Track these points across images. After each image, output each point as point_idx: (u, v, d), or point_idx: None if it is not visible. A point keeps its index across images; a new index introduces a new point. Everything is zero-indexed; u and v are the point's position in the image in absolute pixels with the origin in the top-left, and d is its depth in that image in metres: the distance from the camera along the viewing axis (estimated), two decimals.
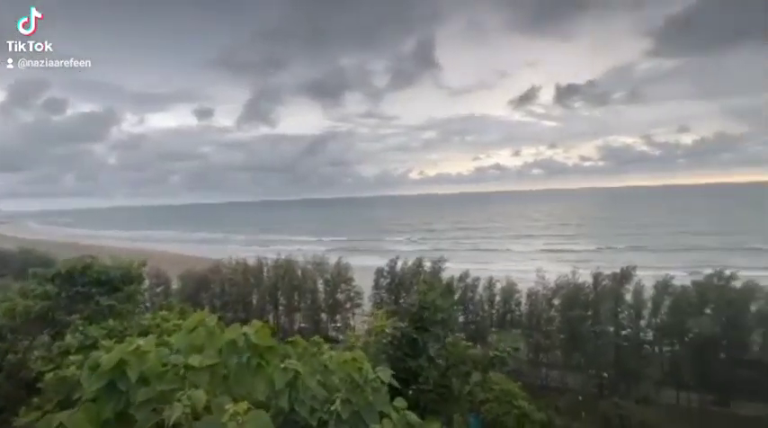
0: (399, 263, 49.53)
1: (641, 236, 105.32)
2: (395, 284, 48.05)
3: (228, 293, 53.43)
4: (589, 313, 39.34)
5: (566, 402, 36.88)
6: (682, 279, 41.18)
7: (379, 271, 49.88)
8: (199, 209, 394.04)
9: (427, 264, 48.57)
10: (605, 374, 38.77)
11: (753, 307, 35.21)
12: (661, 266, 53.58)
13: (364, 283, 51.01)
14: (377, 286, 49.38)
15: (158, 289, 49.40)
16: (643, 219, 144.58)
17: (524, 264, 66.75)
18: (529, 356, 41.50)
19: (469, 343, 8.84)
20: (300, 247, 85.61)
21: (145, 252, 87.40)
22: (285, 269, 52.68)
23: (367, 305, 48.28)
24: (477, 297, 44.90)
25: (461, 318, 43.93)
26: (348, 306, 50.47)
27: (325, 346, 4.69)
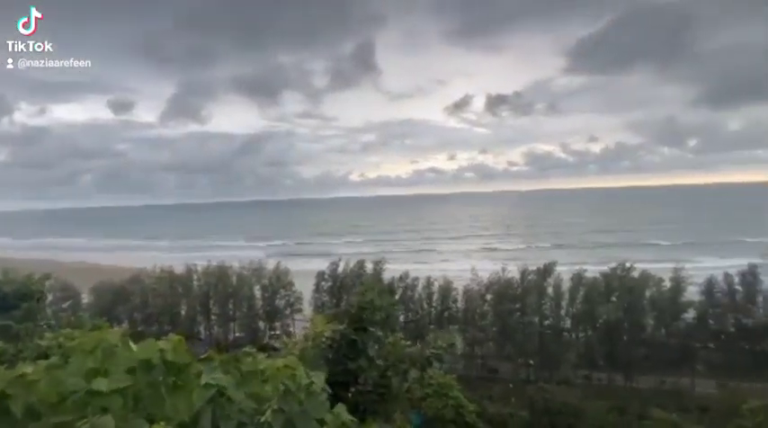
0: (341, 266, 49.22)
1: (563, 235, 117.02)
2: (336, 287, 47.63)
3: (152, 305, 48.68)
4: (517, 306, 42.57)
5: (498, 390, 39.53)
6: (594, 272, 46.37)
7: (321, 275, 49.09)
8: (115, 213, 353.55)
9: (369, 266, 48.89)
10: (532, 361, 42.23)
11: (647, 294, 40.83)
12: (578, 261, 59.79)
13: (305, 287, 49.83)
14: (318, 290, 48.55)
15: (65, 305, 43.45)
16: (563, 219, 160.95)
17: (461, 264, 70.34)
18: (465, 350, 43.74)
19: (408, 342, 9.06)
20: (235, 253, 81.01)
21: (50, 263, 76.37)
22: (218, 276, 49.48)
23: (308, 310, 47.21)
24: (417, 296, 46.23)
25: (402, 317, 44.92)
26: (288, 312, 48.89)
27: (260, 355, 4.49)
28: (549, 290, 42.83)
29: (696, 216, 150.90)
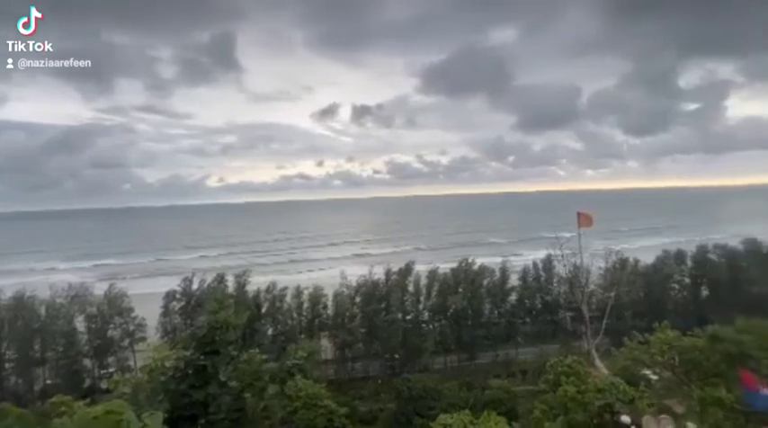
0: (196, 282, 43.74)
1: (425, 238, 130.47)
2: (190, 307, 42.08)
3: None
4: (383, 305, 45.38)
5: (369, 388, 41.28)
6: (446, 268, 52.91)
7: (170, 295, 42.62)
8: None
9: (230, 280, 44.84)
10: (396, 355, 45.54)
11: (484, 283, 48.97)
12: (437, 260, 67.07)
13: (151, 311, 42.47)
14: (167, 312, 42.00)
15: None
16: (424, 224, 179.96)
17: (333, 271, 70.89)
18: (336, 354, 44.27)
19: (264, 357, 8.66)
20: (48, 277, 63.48)
21: None
22: (15, 309, 37.83)
23: (155, 337, 40.31)
24: (286, 306, 44.63)
25: (270, 331, 42.66)
26: (127, 343, 40.74)
27: (79, 403, 3.67)
28: (410, 288, 47.10)
29: (517, 217, 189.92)
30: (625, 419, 11.22)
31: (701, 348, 16.08)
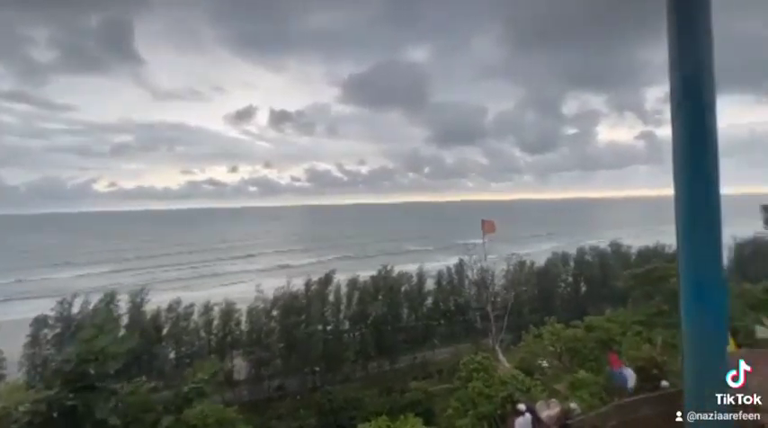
0: (77, 305, 37.34)
1: (347, 247, 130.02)
2: (69, 334, 35.66)
3: None
4: (302, 317, 43.94)
5: (287, 406, 39.33)
6: (366, 276, 53.34)
7: (41, 321, 35.67)
8: None
9: (124, 299, 39.26)
10: (317, 368, 44.34)
11: (402, 289, 50.59)
12: (359, 268, 66.97)
13: (13, 343, 34.94)
14: (35, 342, 35.00)
15: None
16: (345, 233, 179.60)
17: (249, 284, 66.45)
18: (251, 373, 41.41)
19: (153, 385, 7.68)
20: None
21: None
22: None
23: (18, 375, 33.23)
24: (193, 325, 40.54)
25: (172, 354, 38.27)
26: None
27: None
28: (331, 298, 46.45)
29: (434, 226, 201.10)
30: (521, 407, 12.43)
31: (579, 337, 18.69)
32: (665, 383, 13.50)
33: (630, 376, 12.92)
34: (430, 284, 54.04)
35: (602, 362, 16.82)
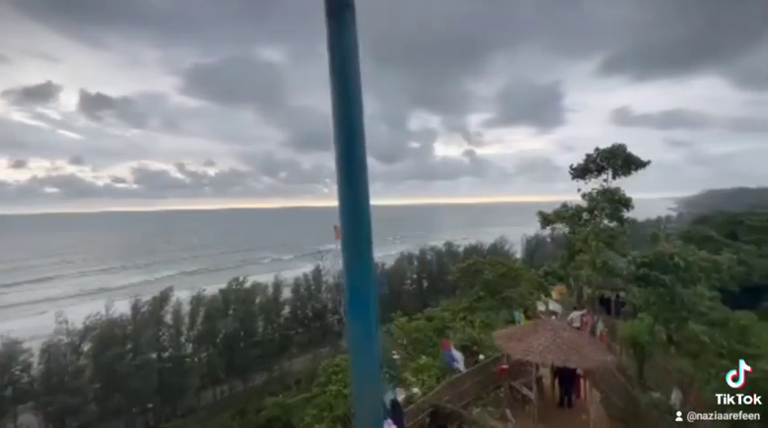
0: None
1: (192, 260, 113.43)
2: None
3: None
4: (129, 347, 36.45)
5: None
6: (214, 290, 47.73)
7: None
8: None
9: None
10: (150, 404, 37.38)
11: (257, 301, 47.51)
12: (207, 283, 58.62)
13: None
14: None
15: None
16: (189, 243, 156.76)
17: (49, 314, 50.64)
18: None
19: None
20: None
21: None
22: None
23: None
24: None
25: None
26: None
27: None
28: (168, 319, 39.98)
29: (291, 232, 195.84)
30: None
31: (421, 327, 21.23)
32: (481, 356, 16.57)
33: (458, 355, 15.37)
34: (287, 293, 52.44)
35: (439, 347, 19.53)
